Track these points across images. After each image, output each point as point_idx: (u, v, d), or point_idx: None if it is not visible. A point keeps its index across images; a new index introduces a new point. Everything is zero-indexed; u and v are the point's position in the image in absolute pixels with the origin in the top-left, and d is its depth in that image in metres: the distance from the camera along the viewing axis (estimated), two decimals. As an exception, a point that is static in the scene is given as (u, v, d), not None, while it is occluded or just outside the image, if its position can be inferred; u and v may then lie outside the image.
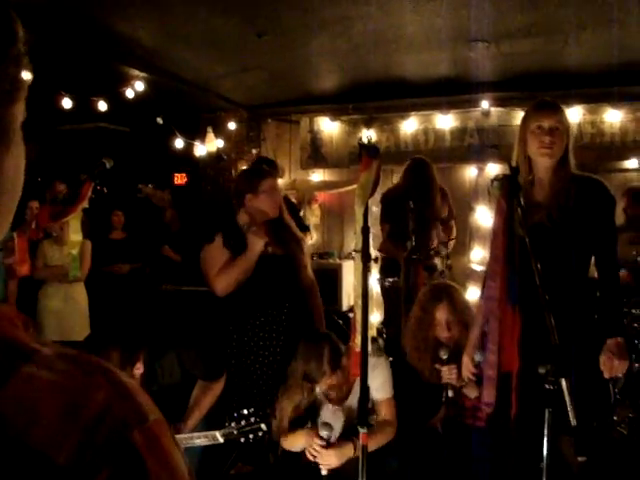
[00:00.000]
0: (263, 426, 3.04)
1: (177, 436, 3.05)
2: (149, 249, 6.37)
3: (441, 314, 3.53)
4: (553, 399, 2.33)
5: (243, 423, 3.04)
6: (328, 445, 3.15)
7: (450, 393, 3.38)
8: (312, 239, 3.71)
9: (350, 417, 3.31)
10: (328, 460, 3.15)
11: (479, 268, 6.21)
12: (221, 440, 3.05)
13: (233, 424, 3.03)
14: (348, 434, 3.20)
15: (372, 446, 2.90)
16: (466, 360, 3.15)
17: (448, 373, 3.36)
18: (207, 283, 3.80)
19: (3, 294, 4.87)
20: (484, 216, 6.53)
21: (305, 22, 4.98)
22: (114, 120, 6.95)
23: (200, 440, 3.04)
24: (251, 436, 3.04)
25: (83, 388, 0.57)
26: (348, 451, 3.15)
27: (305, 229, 4.03)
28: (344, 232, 7.31)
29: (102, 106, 6.00)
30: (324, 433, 3.13)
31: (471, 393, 3.36)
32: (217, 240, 3.77)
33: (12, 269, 4.66)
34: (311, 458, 3.19)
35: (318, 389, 3.32)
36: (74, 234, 3.96)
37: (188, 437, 3.06)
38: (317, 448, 3.14)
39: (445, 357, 3.37)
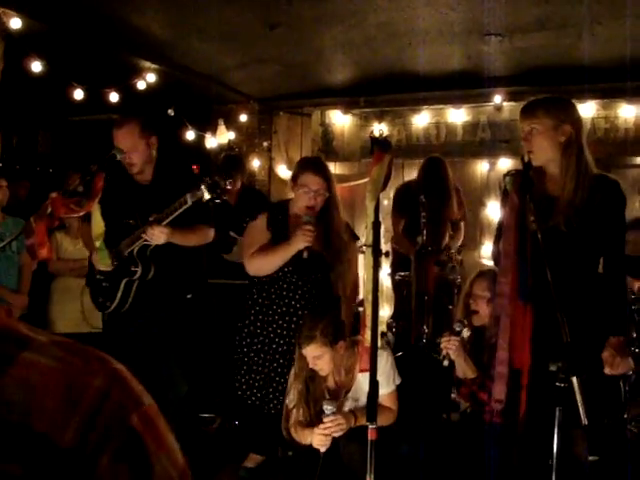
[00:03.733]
0: (223, 184, 3.38)
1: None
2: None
3: (475, 288, 3.52)
4: (564, 397, 2.32)
5: (208, 182, 3.37)
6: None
7: (445, 362, 3.38)
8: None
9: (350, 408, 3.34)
10: (339, 426, 3.16)
11: (490, 263, 6.18)
12: (190, 203, 3.41)
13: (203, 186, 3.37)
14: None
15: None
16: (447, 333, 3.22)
17: (446, 342, 3.35)
18: (243, 259, 3.86)
19: (16, 284, 4.89)
20: (495, 211, 6.49)
21: (317, 15, 4.95)
22: (126, 111, 6.95)
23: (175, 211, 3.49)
24: (214, 195, 3.37)
25: (81, 374, 0.59)
26: (350, 420, 3.21)
27: (355, 238, 4.00)
28: (355, 226, 7.28)
29: (114, 97, 6.00)
30: (328, 408, 3.16)
31: (461, 368, 3.37)
32: (260, 219, 3.78)
33: (33, 249, 4.70)
34: (320, 441, 3.20)
35: (311, 362, 3.32)
36: (99, 222, 3.98)
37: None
38: (325, 420, 3.15)
39: (458, 329, 3.36)
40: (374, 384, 2.46)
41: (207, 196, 3.41)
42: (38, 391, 0.56)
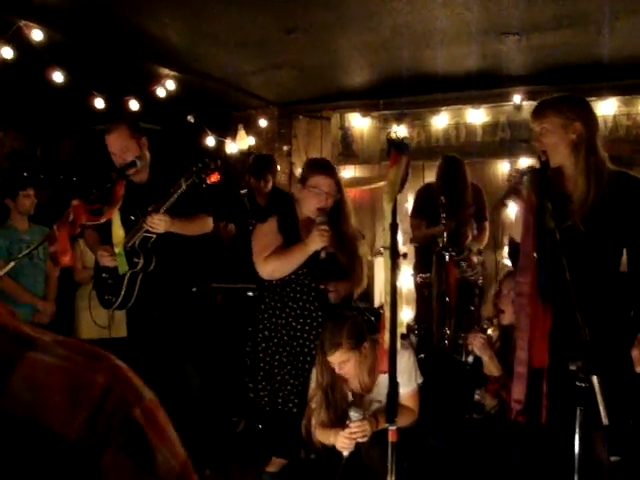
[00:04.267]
0: (212, 165, 3.54)
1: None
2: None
3: (503, 287, 3.53)
4: (585, 397, 2.30)
5: (199, 165, 3.52)
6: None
7: (470, 359, 3.38)
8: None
9: (373, 410, 3.34)
10: (364, 431, 3.19)
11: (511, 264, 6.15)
12: (184, 187, 3.55)
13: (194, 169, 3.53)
14: None
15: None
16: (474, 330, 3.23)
17: (472, 338, 3.35)
18: (255, 263, 3.81)
19: (43, 291, 4.95)
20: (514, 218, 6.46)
21: (334, 18, 4.96)
22: (146, 119, 7.00)
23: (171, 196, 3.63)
24: (204, 176, 3.54)
25: (85, 371, 0.62)
26: (373, 424, 3.24)
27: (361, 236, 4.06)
28: (375, 229, 7.28)
29: (134, 105, 6.06)
30: (355, 415, 3.20)
31: (487, 365, 3.37)
32: (271, 222, 3.78)
33: (56, 256, 4.77)
34: (344, 444, 3.21)
35: (337, 368, 3.33)
36: (118, 230, 4.06)
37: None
38: (351, 425, 3.19)
39: (485, 327, 3.38)
40: (394, 385, 2.46)
41: (198, 179, 3.52)
42: (44, 388, 0.58)
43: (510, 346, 3.37)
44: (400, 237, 2.60)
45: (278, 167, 7.47)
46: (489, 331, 3.43)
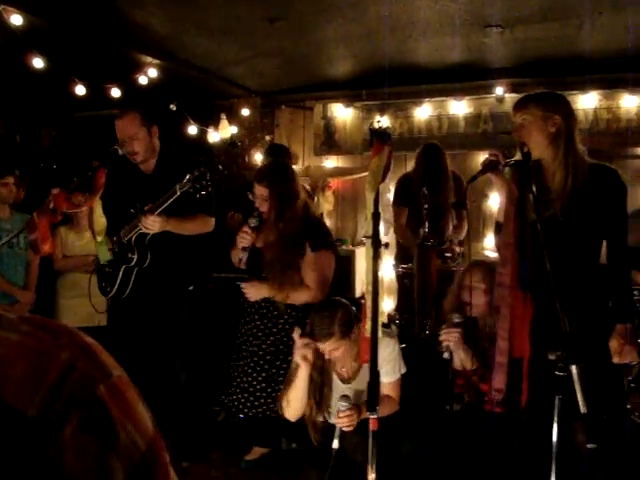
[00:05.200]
0: (208, 175, 3.54)
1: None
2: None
3: (471, 279, 3.50)
4: (564, 386, 2.33)
5: (195, 174, 3.54)
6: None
7: (446, 355, 3.36)
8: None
9: (356, 399, 3.35)
10: (352, 420, 3.21)
11: (493, 255, 6.19)
12: (178, 193, 3.58)
13: (187, 176, 3.54)
14: None
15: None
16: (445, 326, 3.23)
17: (446, 334, 3.35)
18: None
19: (24, 279, 4.91)
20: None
21: (318, 8, 4.95)
22: (127, 107, 6.96)
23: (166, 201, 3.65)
24: (198, 186, 3.53)
25: (49, 347, 0.61)
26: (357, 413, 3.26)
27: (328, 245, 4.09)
28: (357, 219, 7.30)
29: (116, 93, 6.01)
30: (343, 404, 3.20)
31: (462, 359, 3.36)
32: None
33: (36, 244, 4.75)
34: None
35: (327, 354, 3.35)
36: (100, 218, 4.03)
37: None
38: (341, 415, 3.21)
39: (457, 321, 3.34)
40: (375, 374, 2.47)
41: (192, 188, 3.51)
42: (7, 365, 0.58)
43: (478, 337, 3.39)
44: (382, 227, 2.60)
45: (261, 157, 7.49)
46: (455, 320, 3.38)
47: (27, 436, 0.56)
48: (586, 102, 6.30)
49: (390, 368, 3.40)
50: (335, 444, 3.21)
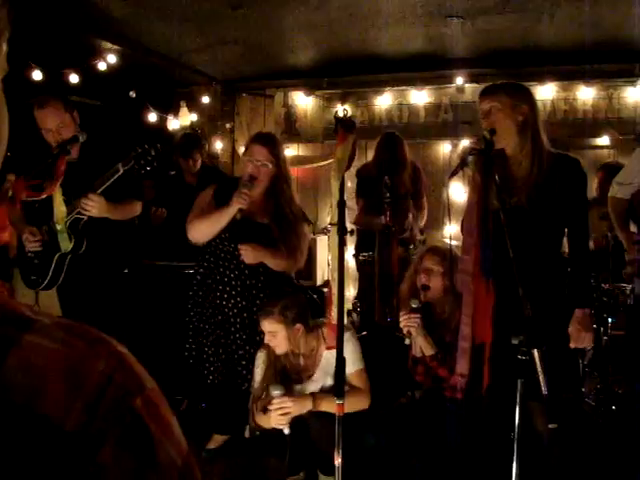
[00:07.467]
0: (153, 151, 3.52)
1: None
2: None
3: (427, 263, 3.52)
4: (525, 369, 2.38)
5: (138, 151, 3.52)
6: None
7: (407, 341, 3.38)
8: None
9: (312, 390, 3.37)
10: (284, 409, 3.17)
11: (453, 243, 6.26)
12: (121, 171, 3.54)
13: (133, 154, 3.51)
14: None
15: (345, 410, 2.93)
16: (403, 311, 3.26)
17: (406, 320, 3.35)
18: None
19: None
20: (458, 192, 6.57)
21: (281, -5, 4.93)
22: (86, 93, 6.85)
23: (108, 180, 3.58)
24: (143, 162, 3.50)
25: (85, 357, 0.57)
26: (306, 403, 3.24)
27: (307, 220, 4.06)
28: (318, 207, 7.31)
29: (73, 79, 5.91)
30: (275, 392, 3.19)
31: (422, 345, 3.38)
32: (208, 190, 3.88)
33: None
34: (273, 423, 3.22)
35: (267, 337, 3.36)
36: (60, 206, 3.93)
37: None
38: (273, 402, 3.18)
39: (415, 306, 3.35)
40: (340, 361, 2.49)
41: (137, 164, 3.47)
42: (41, 374, 0.54)
43: (435, 322, 3.43)
44: (347, 214, 2.62)
45: (221, 144, 7.45)
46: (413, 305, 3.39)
47: (65, 452, 0.52)
48: (544, 93, 6.40)
49: (350, 358, 3.41)
50: (286, 430, 3.21)
